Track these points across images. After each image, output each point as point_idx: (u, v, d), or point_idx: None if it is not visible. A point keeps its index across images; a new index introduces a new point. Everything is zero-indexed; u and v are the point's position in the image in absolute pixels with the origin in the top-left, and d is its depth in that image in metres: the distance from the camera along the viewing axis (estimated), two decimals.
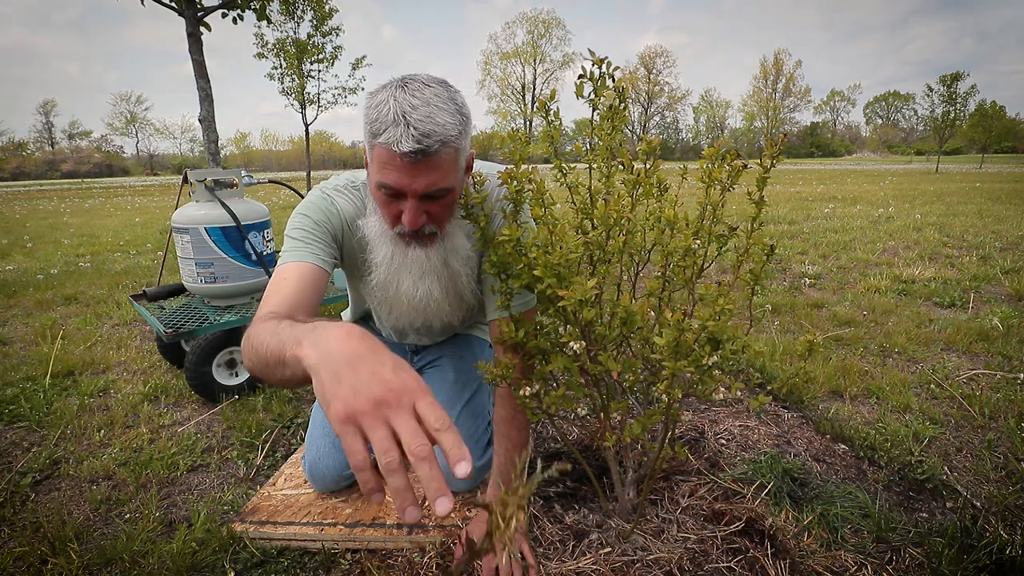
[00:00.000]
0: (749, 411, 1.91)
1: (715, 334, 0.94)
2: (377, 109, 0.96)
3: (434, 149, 0.96)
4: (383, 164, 0.99)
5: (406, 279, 1.17)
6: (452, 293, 1.24)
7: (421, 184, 1.00)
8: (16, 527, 1.37)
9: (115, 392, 2.21)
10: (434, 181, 1.00)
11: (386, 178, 1.00)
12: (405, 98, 0.95)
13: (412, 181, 0.99)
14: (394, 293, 1.21)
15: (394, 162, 0.97)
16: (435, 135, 0.95)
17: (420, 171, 0.98)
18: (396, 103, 0.95)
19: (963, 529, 1.25)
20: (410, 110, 0.94)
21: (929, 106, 29.25)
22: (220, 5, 4.73)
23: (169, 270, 4.32)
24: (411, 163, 0.96)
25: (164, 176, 58.57)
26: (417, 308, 1.23)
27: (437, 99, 0.97)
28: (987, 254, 4.54)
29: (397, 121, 0.94)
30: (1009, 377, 2.11)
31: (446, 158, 0.99)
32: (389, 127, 0.94)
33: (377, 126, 0.96)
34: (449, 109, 0.97)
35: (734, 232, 1.13)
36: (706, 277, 1.20)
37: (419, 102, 0.95)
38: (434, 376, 1.56)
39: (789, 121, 70.91)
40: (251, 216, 2.27)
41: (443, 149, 0.97)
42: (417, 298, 1.19)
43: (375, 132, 0.96)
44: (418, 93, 0.96)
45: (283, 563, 1.24)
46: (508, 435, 1.28)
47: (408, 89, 0.96)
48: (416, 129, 0.93)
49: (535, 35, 56.85)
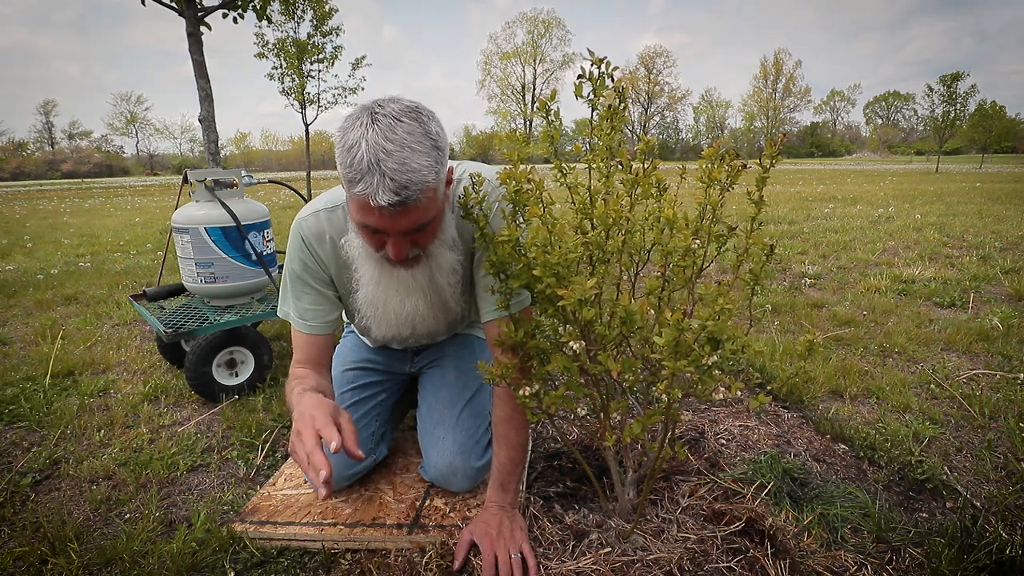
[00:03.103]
0: (749, 411, 1.91)
1: (715, 334, 0.94)
2: (350, 153, 0.93)
3: (413, 199, 0.94)
4: (362, 209, 0.98)
5: (393, 297, 1.18)
6: (437, 305, 1.26)
7: (402, 226, 1.01)
8: (16, 527, 1.37)
9: (115, 392, 2.21)
10: (415, 220, 1.01)
11: (366, 220, 1.00)
12: (378, 142, 0.91)
13: (393, 224, 1.00)
14: (382, 310, 1.22)
15: (373, 211, 0.96)
16: (413, 185, 0.93)
17: (400, 217, 0.98)
18: (368, 148, 0.91)
19: (963, 529, 1.25)
20: (384, 157, 0.91)
21: (929, 106, 29.25)
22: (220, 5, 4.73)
23: (169, 270, 4.32)
24: (390, 213, 0.96)
25: (164, 176, 58.58)
26: (404, 322, 1.26)
27: (411, 138, 0.94)
28: (987, 254, 4.54)
29: (372, 170, 0.91)
30: (1009, 377, 2.11)
31: (426, 200, 0.98)
32: (364, 176, 0.92)
33: (352, 174, 0.93)
34: (424, 147, 0.95)
35: (733, 232, 1.13)
36: (706, 277, 1.20)
37: (393, 146, 0.92)
38: (435, 376, 1.56)
39: (789, 121, 70.90)
40: (251, 216, 2.27)
41: (422, 195, 0.96)
42: (404, 315, 1.21)
43: (350, 179, 0.94)
44: (391, 133, 0.92)
45: (283, 563, 1.24)
46: (506, 436, 1.28)
47: (379, 127, 0.92)
48: (393, 181, 0.91)
49: (535, 35, 56.88)
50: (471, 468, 1.39)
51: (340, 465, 1.39)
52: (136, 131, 74.99)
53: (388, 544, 1.27)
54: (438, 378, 1.54)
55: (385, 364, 1.62)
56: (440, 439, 1.42)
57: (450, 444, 1.40)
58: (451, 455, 1.38)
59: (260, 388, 2.18)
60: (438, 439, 1.42)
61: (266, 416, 1.95)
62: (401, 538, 1.27)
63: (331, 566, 1.23)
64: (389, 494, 1.44)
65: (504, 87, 57.54)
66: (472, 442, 1.41)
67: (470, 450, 1.40)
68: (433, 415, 1.47)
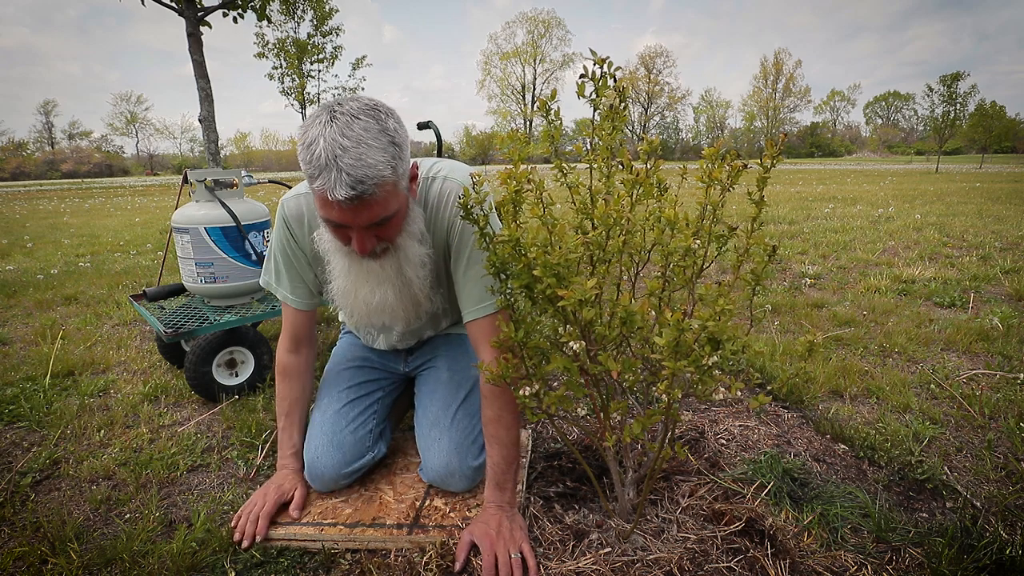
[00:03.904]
0: (749, 411, 1.90)
1: (715, 334, 0.93)
2: (309, 150, 0.97)
3: (369, 192, 0.98)
4: (323, 204, 1.03)
5: (363, 288, 1.22)
6: (406, 298, 1.28)
7: (363, 220, 1.04)
8: (16, 527, 1.37)
9: (115, 392, 2.21)
10: (375, 214, 1.04)
11: (328, 215, 1.05)
12: (335, 138, 0.95)
13: (354, 218, 1.03)
14: (352, 300, 1.26)
15: (332, 206, 1.00)
16: (368, 180, 0.96)
17: (360, 210, 1.02)
18: (326, 144, 0.95)
19: (963, 529, 1.25)
20: (341, 153, 0.95)
21: (929, 106, 29.31)
22: (220, 5, 4.72)
23: (169, 270, 4.32)
24: (349, 206, 0.99)
25: (164, 176, 58.54)
26: (374, 312, 1.28)
27: (367, 135, 0.97)
28: (987, 254, 4.54)
29: (329, 166, 0.95)
30: (1009, 377, 2.11)
31: (384, 194, 1.02)
32: (322, 172, 0.96)
33: (311, 169, 0.97)
34: (380, 144, 0.98)
35: (734, 232, 1.13)
36: (706, 277, 1.20)
37: (350, 143, 0.95)
38: (429, 377, 1.56)
39: (789, 121, 70.90)
40: (251, 216, 2.27)
41: (378, 189, 0.99)
42: (375, 304, 1.25)
43: (310, 175, 0.98)
44: (347, 130, 0.96)
45: (283, 563, 1.24)
46: (497, 435, 1.29)
47: (337, 124, 0.96)
48: (349, 175, 0.95)
49: (535, 35, 56.87)
50: (468, 468, 1.39)
51: (337, 463, 1.39)
52: (136, 131, 74.97)
53: (388, 544, 1.27)
54: (432, 379, 1.55)
55: (381, 363, 1.63)
56: (436, 440, 1.42)
57: (446, 445, 1.40)
58: (448, 456, 1.39)
59: (260, 388, 2.18)
60: (434, 440, 1.42)
61: (266, 416, 1.95)
62: (401, 538, 1.27)
63: (331, 566, 1.23)
64: (389, 494, 1.44)
65: (504, 87, 57.55)
66: (468, 442, 1.41)
67: (466, 450, 1.40)
68: (429, 417, 1.47)
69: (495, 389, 1.25)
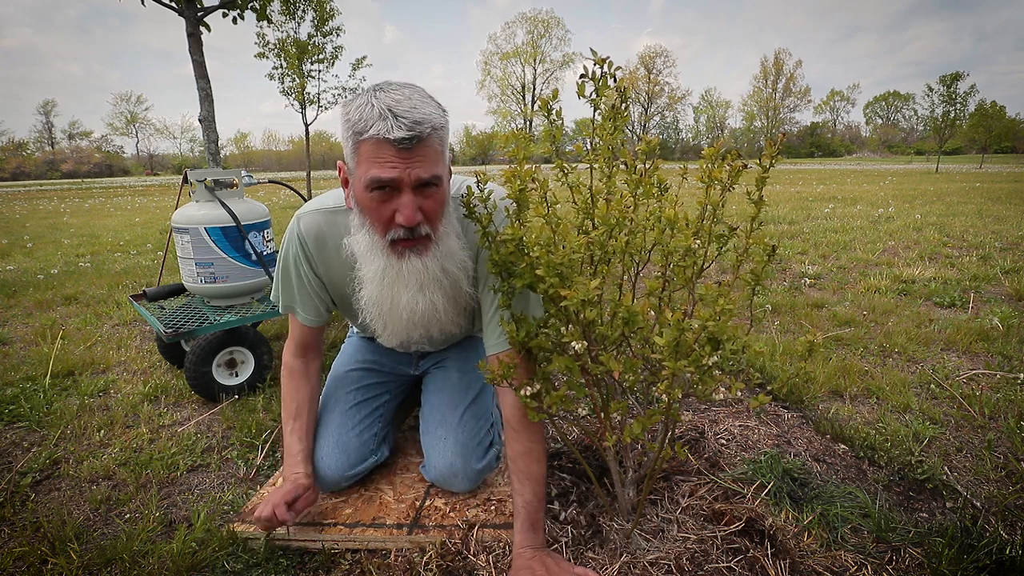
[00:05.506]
0: (749, 411, 1.90)
1: (715, 334, 0.93)
2: (359, 111, 0.99)
3: (426, 134, 0.99)
4: (374, 158, 1.00)
5: (403, 294, 1.13)
6: (452, 300, 1.21)
7: (415, 172, 1.01)
8: (16, 527, 1.37)
9: (115, 392, 2.21)
10: (427, 168, 1.02)
11: (379, 172, 1.00)
12: (386, 97, 0.99)
13: (407, 167, 1.00)
14: (389, 308, 1.18)
15: (386, 153, 0.99)
16: (425, 122, 0.98)
17: (414, 158, 1.00)
18: (379, 102, 0.98)
19: (963, 529, 1.25)
20: (394, 104, 0.98)
21: (929, 106, 29.26)
22: (220, 5, 4.72)
23: (169, 270, 4.32)
24: (405, 150, 0.98)
25: (164, 176, 58.55)
26: (417, 322, 1.20)
27: (417, 95, 1.02)
28: (987, 254, 4.54)
29: (384, 115, 0.97)
30: (1009, 377, 2.11)
31: (436, 145, 1.03)
32: (376, 122, 0.97)
33: (362, 124, 0.98)
34: (431, 103, 1.03)
35: (734, 232, 1.13)
36: (706, 277, 1.20)
37: (401, 97, 0.99)
38: (438, 378, 1.56)
39: (789, 121, 70.86)
40: (251, 216, 2.27)
41: (433, 135, 1.01)
42: (419, 312, 1.16)
43: (361, 130, 0.99)
44: (396, 92, 1.00)
45: (283, 563, 1.23)
46: (528, 471, 1.19)
47: (387, 90, 1.01)
48: (405, 118, 0.97)
49: (535, 35, 56.82)
50: (472, 469, 1.38)
51: (341, 465, 1.39)
52: (136, 131, 74.98)
53: (388, 544, 1.27)
54: (441, 379, 1.54)
55: (390, 366, 1.61)
56: (442, 439, 1.41)
57: (452, 445, 1.39)
58: (452, 456, 1.38)
59: (260, 388, 2.18)
60: (440, 439, 1.42)
61: (266, 416, 1.95)
62: (401, 538, 1.27)
63: (331, 566, 1.23)
64: (389, 494, 1.44)
65: (504, 87, 57.51)
66: (474, 443, 1.41)
67: (471, 451, 1.39)
68: (436, 415, 1.47)
69: (524, 421, 1.18)
